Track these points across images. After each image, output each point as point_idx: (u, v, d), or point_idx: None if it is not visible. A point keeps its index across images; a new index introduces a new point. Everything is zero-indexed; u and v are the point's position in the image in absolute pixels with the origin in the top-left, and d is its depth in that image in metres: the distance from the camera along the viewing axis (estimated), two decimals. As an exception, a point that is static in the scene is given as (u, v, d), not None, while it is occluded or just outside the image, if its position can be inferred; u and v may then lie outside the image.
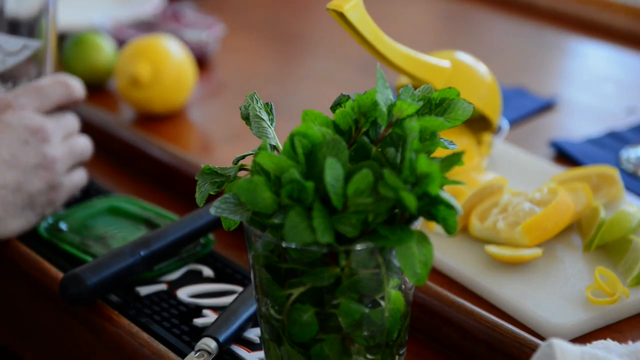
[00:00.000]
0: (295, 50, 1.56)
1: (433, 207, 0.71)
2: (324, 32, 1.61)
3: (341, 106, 0.77)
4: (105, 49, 1.31)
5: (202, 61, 1.37)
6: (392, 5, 1.69)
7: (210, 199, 0.78)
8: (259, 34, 1.57)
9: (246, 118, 0.78)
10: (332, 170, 0.69)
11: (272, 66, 1.45)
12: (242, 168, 0.78)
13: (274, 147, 0.77)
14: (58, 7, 1.07)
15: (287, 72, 1.44)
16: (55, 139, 0.97)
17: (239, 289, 0.93)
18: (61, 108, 1.02)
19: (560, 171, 1.06)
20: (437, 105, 0.77)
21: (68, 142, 1.00)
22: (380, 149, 0.75)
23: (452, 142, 0.77)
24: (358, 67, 1.43)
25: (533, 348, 0.81)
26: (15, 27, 1.07)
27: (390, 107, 0.74)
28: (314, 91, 1.34)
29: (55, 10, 1.06)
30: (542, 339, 0.84)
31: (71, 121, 1.02)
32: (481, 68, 1.06)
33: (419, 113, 0.75)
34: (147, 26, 1.43)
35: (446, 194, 0.72)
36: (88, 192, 1.05)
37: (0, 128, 0.96)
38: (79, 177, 1.00)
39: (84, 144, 1.02)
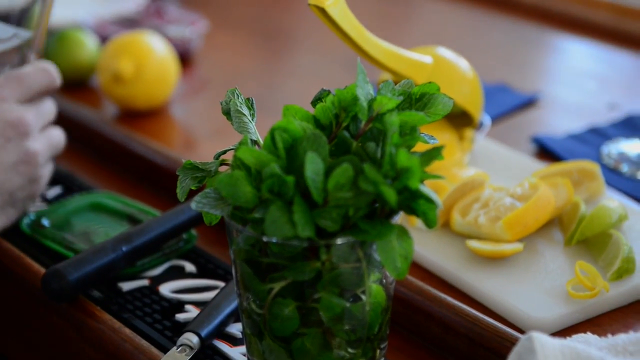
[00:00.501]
0: (278, 47, 1.56)
1: (413, 201, 0.71)
2: (308, 28, 1.61)
3: (322, 101, 0.77)
4: (87, 46, 1.31)
5: (185, 58, 1.38)
6: (376, 2, 1.69)
7: (191, 194, 0.78)
8: (243, 30, 1.57)
9: (227, 113, 0.79)
10: (313, 165, 0.70)
11: (256, 63, 1.45)
12: (223, 163, 0.78)
13: (255, 142, 0.77)
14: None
15: (271, 68, 1.44)
16: (35, 131, 0.97)
17: (221, 284, 0.93)
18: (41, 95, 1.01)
19: (542, 166, 1.06)
20: (417, 100, 0.77)
21: (46, 133, 0.99)
22: (360, 144, 0.75)
23: (432, 136, 0.78)
24: (342, 64, 1.42)
25: (513, 342, 0.81)
26: (6, 15, 1.07)
27: (371, 102, 0.74)
28: (297, 88, 1.34)
29: (51, 2, 1.06)
30: (523, 333, 0.84)
31: (49, 109, 1.01)
32: (462, 64, 1.06)
33: (399, 108, 0.75)
34: (130, 23, 1.44)
35: (426, 188, 0.73)
36: (70, 189, 1.05)
37: None
38: (50, 169, 1.00)
39: (59, 135, 1.01)
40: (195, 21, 1.43)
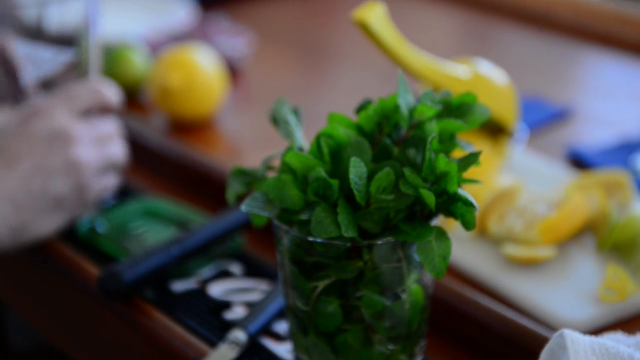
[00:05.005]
0: (320, 60, 1.54)
1: (451, 204, 0.72)
2: (347, 42, 1.59)
3: (365, 110, 0.78)
4: (139, 59, 1.30)
5: (233, 70, 1.37)
6: (415, 16, 1.67)
7: (239, 200, 0.78)
8: (287, 43, 1.56)
9: (274, 121, 0.79)
10: (356, 169, 0.71)
11: (299, 75, 1.44)
12: (269, 168, 0.78)
13: (300, 149, 0.77)
14: (101, 21, 1.06)
15: (313, 80, 1.43)
16: (82, 142, 0.96)
17: (267, 285, 0.92)
18: (102, 113, 1.01)
19: (575, 176, 1.06)
20: (455, 109, 0.77)
21: (100, 146, 0.99)
22: (401, 150, 0.75)
23: (470, 143, 0.78)
24: (380, 76, 1.40)
25: (546, 341, 0.79)
26: (55, 38, 1.07)
27: (412, 110, 0.75)
28: (338, 99, 1.33)
29: (98, 24, 1.06)
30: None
31: (107, 126, 1.01)
32: (500, 75, 1.05)
33: (439, 116, 0.76)
34: (180, 36, 1.42)
35: (464, 191, 0.73)
36: (124, 195, 1.06)
37: (26, 134, 0.95)
38: (110, 181, 1.00)
39: (116, 150, 1.01)
40: (243, 34, 1.42)
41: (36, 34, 1.06)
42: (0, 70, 1.10)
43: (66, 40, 1.07)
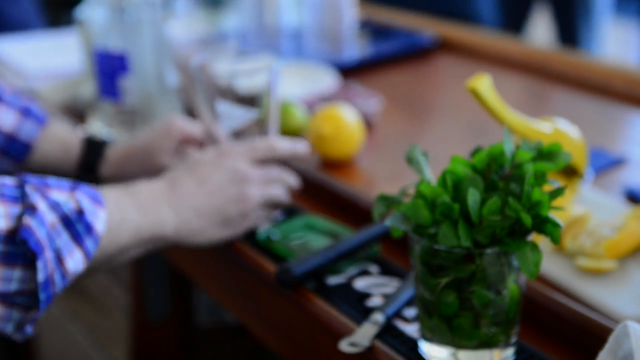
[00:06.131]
0: (428, 115, 1.48)
1: (543, 225, 0.73)
2: (447, 101, 1.52)
3: (477, 153, 0.77)
4: (300, 114, 1.29)
5: (368, 123, 1.34)
6: (494, 81, 1.56)
7: (381, 217, 0.78)
8: (406, 103, 1.50)
9: (409, 160, 0.79)
10: (473, 197, 0.72)
11: (413, 126, 1.38)
12: (405, 194, 0.78)
13: (429, 181, 0.77)
14: (279, 87, 1.05)
15: (423, 131, 1.38)
16: (254, 183, 0.95)
17: (397, 282, 0.93)
18: (275, 162, 1.00)
19: (631, 208, 1.03)
20: (545, 155, 0.78)
21: (266, 187, 0.97)
22: (505, 184, 0.76)
23: (556, 180, 0.77)
24: (470, 128, 1.35)
25: (611, 331, 0.76)
26: (244, 100, 1.06)
27: (513, 155, 0.75)
28: (440, 144, 1.27)
29: (277, 89, 1.05)
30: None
31: (274, 173, 0.98)
32: (574, 131, 1.02)
33: (533, 160, 0.76)
34: (328, 97, 1.39)
35: (552, 215, 0.73)
36: (291, 213, 1.05)
37: (217, 167, 0.95)
38: (267, 214, 0.99)
39: (280, 192, 0.99)
40: (374, 97, 1.39)
41: (232, 96, 1.05)
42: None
43: (252, 101, 1.06)
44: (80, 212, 0.81)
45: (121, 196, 0.88)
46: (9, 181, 0.80)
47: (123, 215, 0.87)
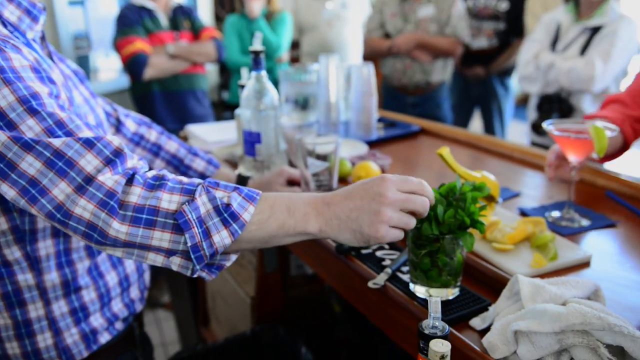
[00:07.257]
0: (414, 170, 1.68)
1: (476, 224, 0.92)
2: (427, 161, 1.75)
3: (442, 187, 0.95)
4: (348, 166, 1.51)
5: (383, 171, 1.56)
6: (464, 154, 1.77)
7: None
8: (406, 162, 1.75)
9: None
10: (439, 209, 0.92)
11: (408, 174, 1.34)
12: None
13: None
14: (339, 151, 1.24)
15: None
16: (392, 206, 0.88)
17: (397, 253, 1.11)
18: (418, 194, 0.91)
19: (521, 218, 1.19)
20: (477, 188, 0.97)
21: (402, 213, 0.89)
22: (456, 203, 0.94)
23: (483, 202, 1.04)
24: (438, 175, 1.57)
25: (508, 280, 0.99)
26: (321, 157, 1.26)
27: (461, 188, 0.95)
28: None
29: (338, 152, 1.21)
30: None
31: (415, 200, 0.90)
32: (492, 177, 1.21)
33: (471, 191, 0.95)
34: (363, 157, 1.64)
35: (481, 219, 0.93)
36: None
37: (363, 190, 0.89)
38: (398, 233, 0.90)
39: (410, 220, 0.90)
40: (387, 158, 1.63)
41: (314, 155, 1.22)
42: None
43: (325, 158, 1.24)
44: (228, 205, 0.84)
45: (278, 199, 0.88)
46: (196, 180, 0.87)
47: (273, 212, 0.87)
